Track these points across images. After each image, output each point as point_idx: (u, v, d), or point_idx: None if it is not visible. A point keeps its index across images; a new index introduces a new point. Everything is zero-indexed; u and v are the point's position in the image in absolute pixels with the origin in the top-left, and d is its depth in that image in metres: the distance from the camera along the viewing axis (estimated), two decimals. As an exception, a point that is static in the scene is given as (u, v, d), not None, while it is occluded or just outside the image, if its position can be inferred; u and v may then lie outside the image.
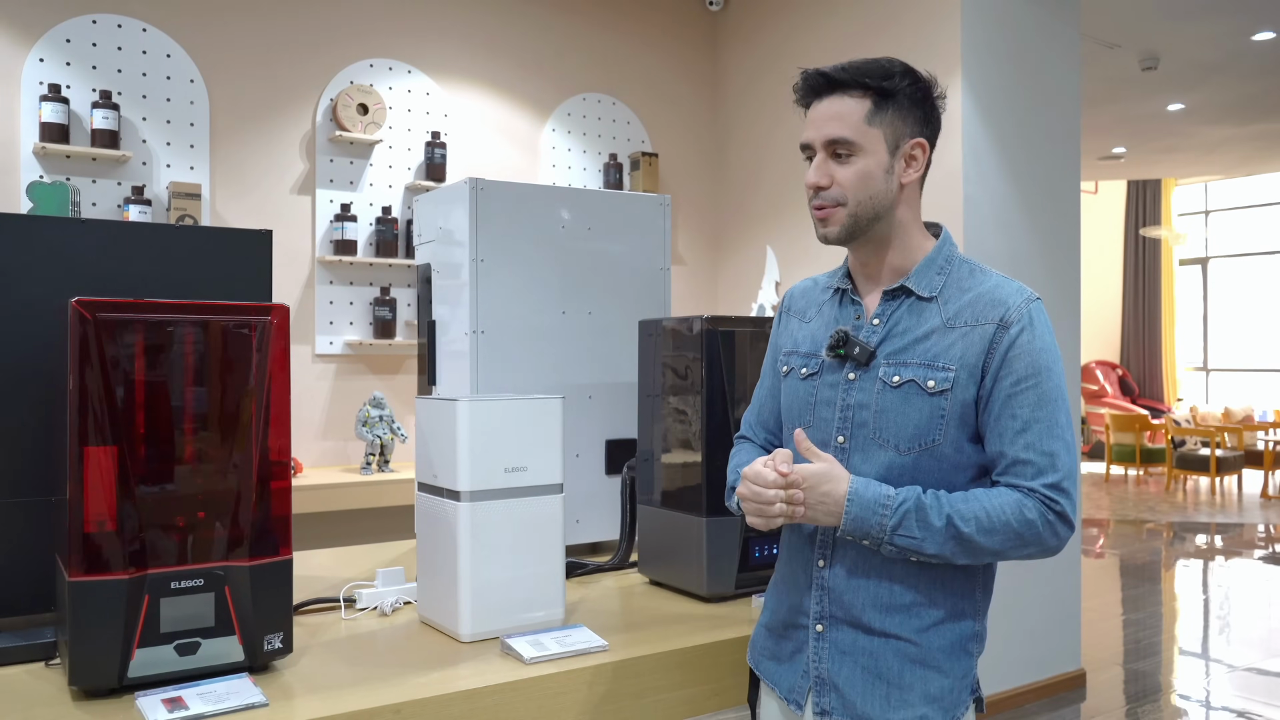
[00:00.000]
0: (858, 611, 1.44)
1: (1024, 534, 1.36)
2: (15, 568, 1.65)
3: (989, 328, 1.40)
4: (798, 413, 1.54)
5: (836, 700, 1.44)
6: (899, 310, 1.47)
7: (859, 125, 1.43)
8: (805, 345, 1.57)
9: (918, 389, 1.42)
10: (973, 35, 3.84)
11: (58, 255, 1.68)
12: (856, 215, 1.44)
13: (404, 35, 4.15)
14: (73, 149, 3.41)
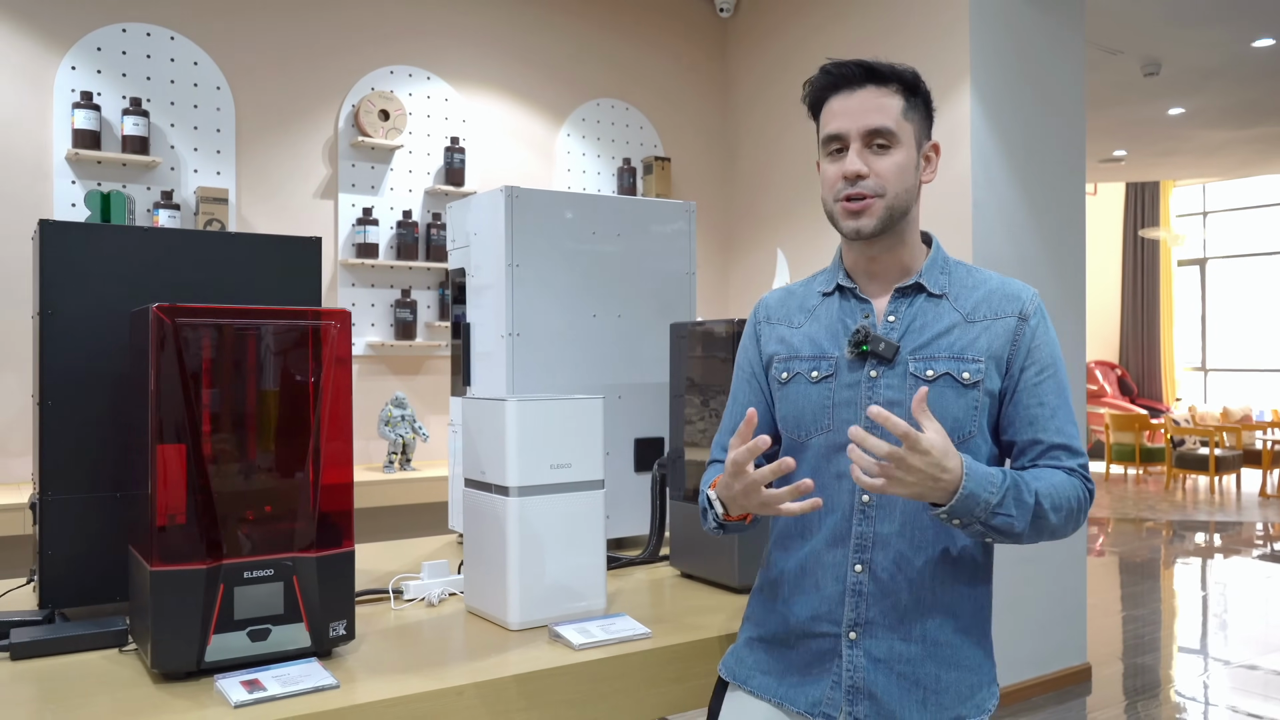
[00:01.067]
0: (897, 618, 1.43)
1: (1075, 511, 1.41)
2: (87, 560, 1.73)
3: (1011, 320, 1.45)
4: (812, 417, 1.50)
5: (871, 709, 1.42)
6: (913, 307, 1.48)
7: (898, 118, 1.45)
8: (806, 349, 1.54)
9: (953, 381, 1.43)
10: (981, 43, 3.93)
11: (121, 262, 1.77)
12: (893, 208, 1.45)
13: (424, 42, 4.23)
14: (104, 155, 3.49)
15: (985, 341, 1.45)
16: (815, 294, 1.57)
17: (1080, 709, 3.94)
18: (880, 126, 1.44)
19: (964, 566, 1.45)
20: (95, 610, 1.76)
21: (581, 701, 1.55)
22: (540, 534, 1.72)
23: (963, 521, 1.33)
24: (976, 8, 3.91)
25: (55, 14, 3.51)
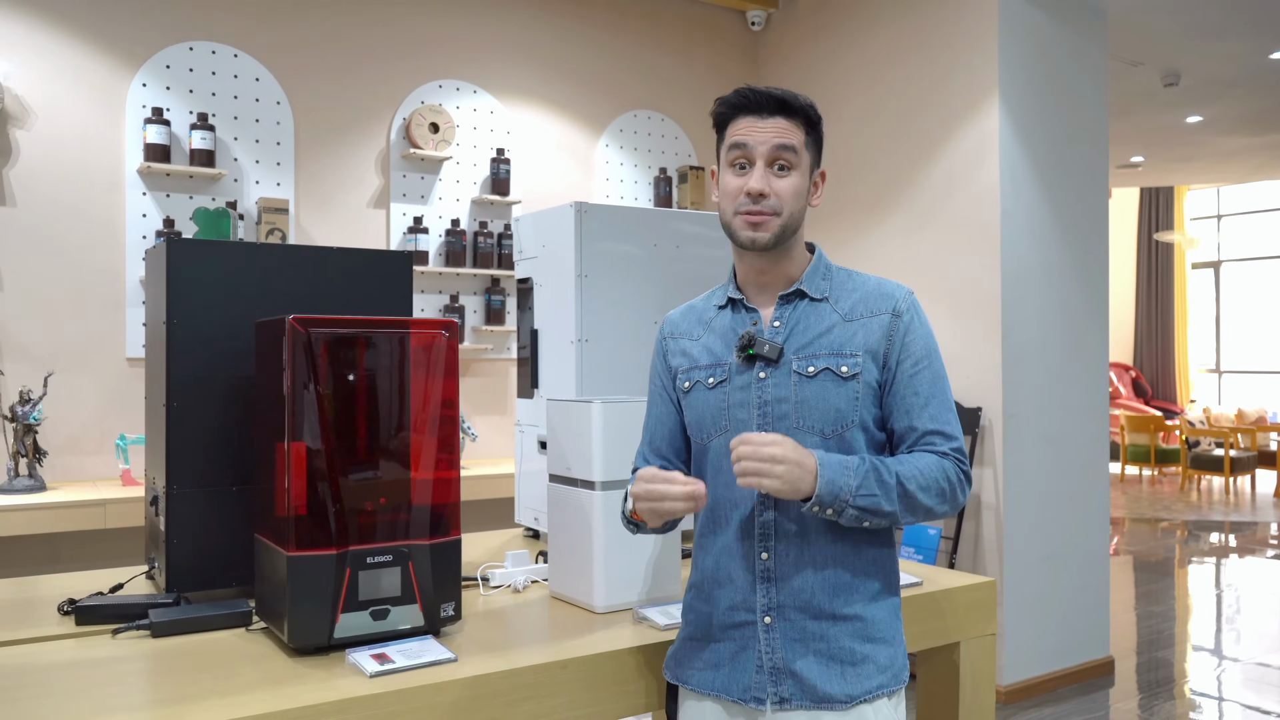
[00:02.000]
0: (807, 597, 1.51)
1: (947, 491, 1.51)
2: (208, 548, 1.88)
3: (885, 317, 1.56)
4: (711, 420, 1.60)
5: (795, 687, 1.50)
6: (796, 311, 1.59)
7: (800, 146, 1.56)
8: (704, 359, 1.63)
9: (832, 375, 1.54)
10: (1009, 57, 4.06)
11: (237, 275, 1.92)
12: (786, 226, 1.56)
13: (470, 57, 4.38)
14: (172, 168, 3.65)
15: (862, 337, 1.55)
16: (712, 308, 1.68)
17: (1104, 700, 4.07)
18: (787, 144, 1.53)
19: (866, 543, 1.54)
20: (210, 595, 1.91)
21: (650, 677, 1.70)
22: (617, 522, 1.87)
23: (834, 509, 1.44)
24: (1005, 23, 4.04)
25: (127, 33, 3.67)
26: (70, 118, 3.58)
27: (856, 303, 1.58)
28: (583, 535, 1.87)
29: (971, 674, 2.10)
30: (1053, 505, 4.18)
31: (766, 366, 1.55)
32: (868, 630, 1.52)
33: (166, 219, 3.67)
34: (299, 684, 1.44)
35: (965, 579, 2.15)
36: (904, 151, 4.45)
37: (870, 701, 1.50)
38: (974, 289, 4.10)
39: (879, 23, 4.59)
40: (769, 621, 1.52)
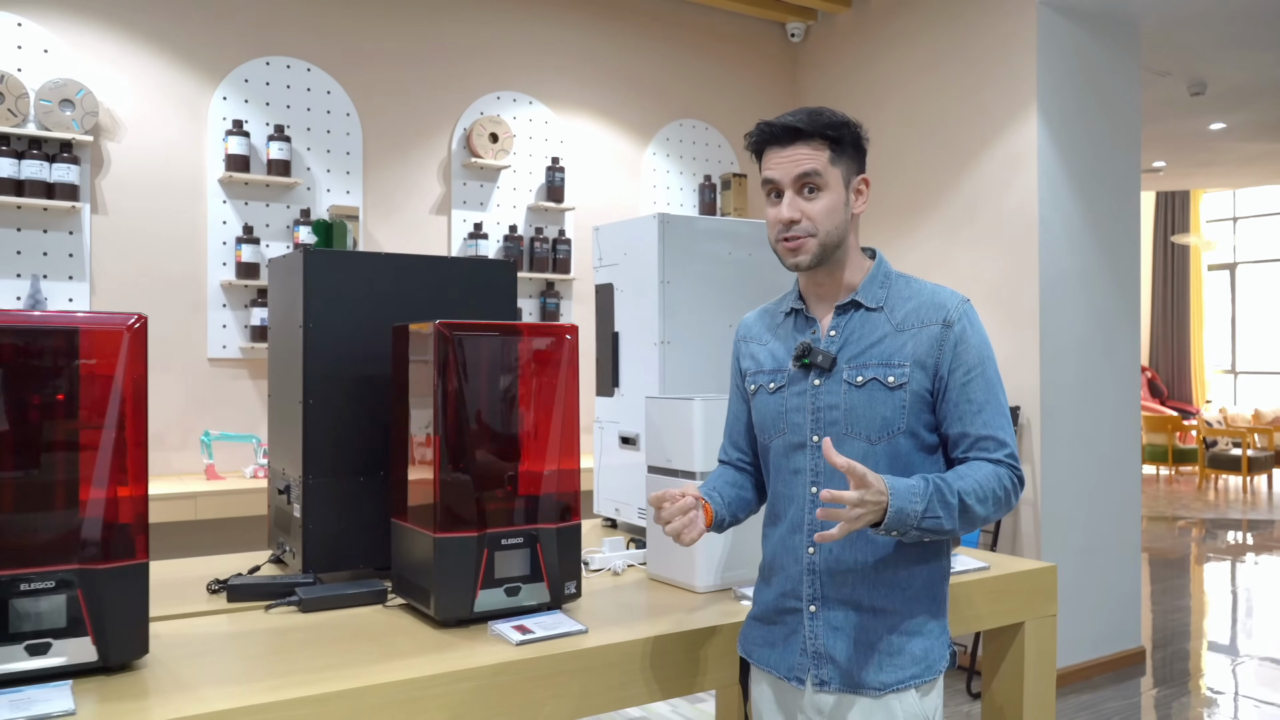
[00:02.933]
0: (849, 590, 1.59)
1: (1002, 499, 1.56)
2: (343, 532, 2.05)
3: (935, 328, 1.60)
4: (771, 422, 1.69)
5: (834, 671, 1.59)
6: (851, 321, 1.65)
7: (826, 166, 1.61)
8: (768, 364, 1.72)
9: (879, 385, 1.60)
10: (1048, 69, 4.20)
11: (364, 282, 2.09)
12: (825, 244, 1.62)
13: (526, 69, 4.55)
14: (251, 177, 3.82)
15: (911, 348, 1.60)
16: (780, 314, 1.76)
17: (1136, 688, 4.21)
18: (807, 171, 1.60)
19: (907, 546, 1.60)
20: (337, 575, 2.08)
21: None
22: (722, 512, 2.02)
23: (899, 532, 1.48)
24: (1044, 38, 4.18)
25: (209, 49, 3.84)
26: (156, 130, 3.75)
27: (910, 312, 1.64)
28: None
29: (1035, 652, 2.25)
30: (1087, 501, 4.32)
31: (820, 375, 1.63)
32: (905, 624, 1.60)
33: (245, 226, 3.85)
34: (453, 651, 1.60)
35: (1028, 564, 2.30)
36: (941, 159, 4.60)
37: (899, 692, 1.58)
38: (1012, 292, 4.25)
39: (916, 36, 4.73)
40: (814, 610, 1.61)
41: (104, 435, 1.47)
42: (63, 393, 1.46)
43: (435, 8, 4.31)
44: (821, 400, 1.63)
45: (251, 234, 3.84)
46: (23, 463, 1.42)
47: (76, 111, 3.51)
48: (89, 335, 1.47)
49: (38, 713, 1.30)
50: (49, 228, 3.52)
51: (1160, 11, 4.33)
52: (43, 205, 3.45)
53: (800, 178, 1.61)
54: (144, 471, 1.50)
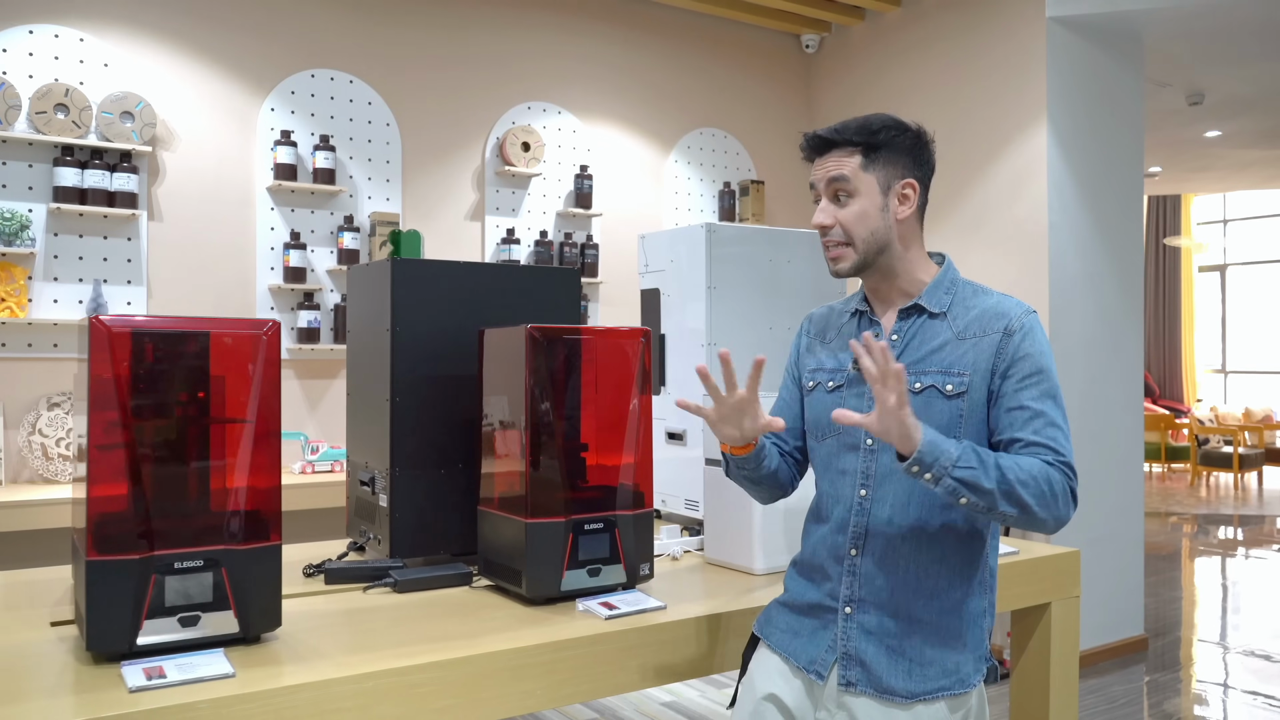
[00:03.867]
0: (886, 596, 1.58)
1: (1047, 494, 1.47)
2: (427, 520, 2.20)
3: (995, 336, 1.57)
4: (826, 422, 1.68)
5: (861, 674, 1.58)
6: (913, 326, 1.64)
7: (855, 171, 1.62)
8: (829, 362, 1.72)
9: (937, 393, 1.58)
10: (1056, 83, 4.37)
11: (445, 289, 2.24)
12: (865, 251, 1.63)
13: (556, 81, 4.70)
14: (298, 185, 3.97)
15: (972, 357, 1.58)
16: (846, 314, 1.76)
17: (1139, 673, 4.39)
18: (837, 175, 1.63)
19: (951, 557, 1.59)
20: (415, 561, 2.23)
21: (829, 625, 2.02)
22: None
23: (933, 475, 1.43)
24: (1053, 52, 4.35)
25: (257, 62, 3.99)
26: (209, 140, 3.90)
27: (972, 320, 1.62)
28: (742, 509, 2.19)
29: (1060, 630, 2.41)
30: (1094, 495, 4.49)
31: None
32: (940, 635, 1.58)
33: (292, 231, 3.99)
34: (549, 624, 1.76)
35: (1054, 549, 2.46)
36: (954, 168, 4.77)
37: (929, 702, 1.56)
38: (1023, 295, 4.42)
39: (928, 49, 4.90)
40: (849, 611, 1.61)
41: (244, 430, 1.62)
42: (204, 391, 1.61)
43: (470, 22, 4.46)
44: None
45: (298, 239, 3.98)
46: (175, 455, 1.57)
47: (136, 123, 3.66)
48: (231, 340, 1.62)
49: (203, 675, 1.45)
50: (109, 234, 3.67)
51: (1163, 27, 4.51)
52: (103, 213, 3.60)
53: (831, 183, 1.64)
54: (278, 463, 1.66)
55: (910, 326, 1.65)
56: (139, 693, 1.39)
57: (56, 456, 3.48)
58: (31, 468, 3.52)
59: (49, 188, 3.56)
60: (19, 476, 3.51)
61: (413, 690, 1.53)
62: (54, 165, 3.54)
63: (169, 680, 1.43)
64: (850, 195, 1.63)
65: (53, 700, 1.37)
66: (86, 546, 1.51)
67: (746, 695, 1.72)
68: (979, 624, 1.62)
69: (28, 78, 3.54)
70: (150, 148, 3.68)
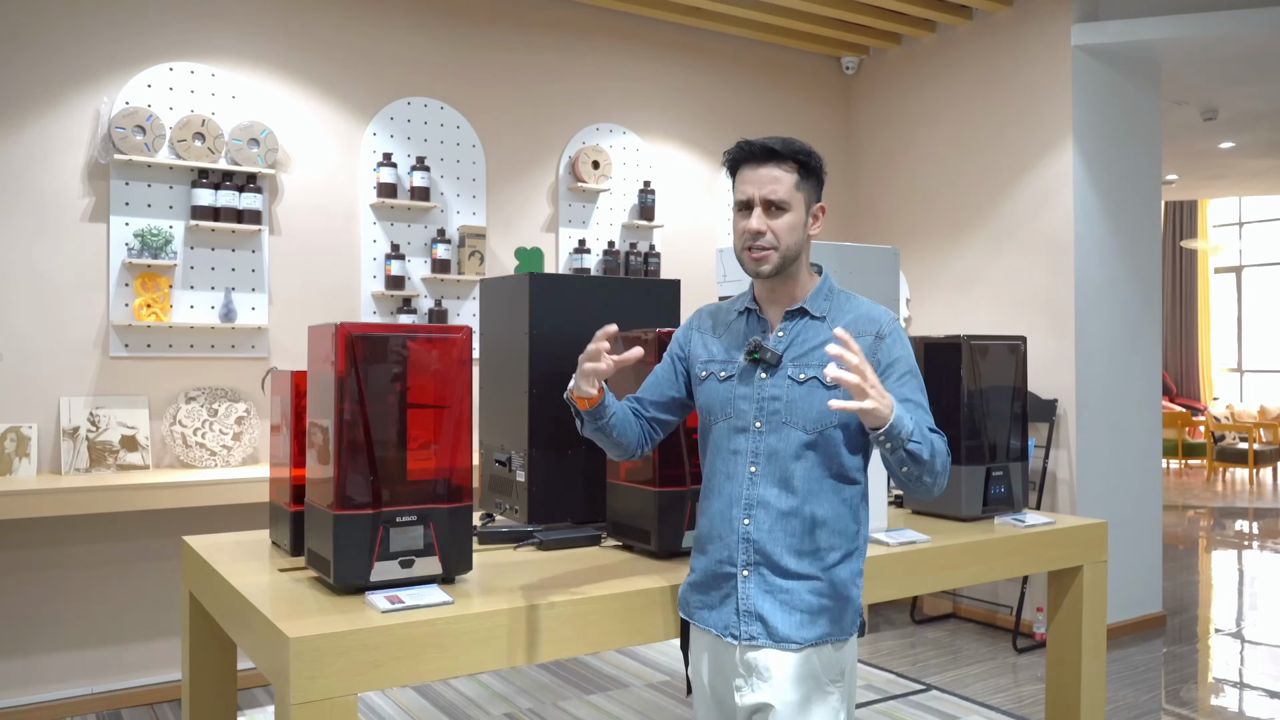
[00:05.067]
0: (777, 558, 1.77)
1: (941, 466, 1.74)
2: (558, 492, 2.59)
3: (869, 338, 1.80)
4: (719, 407, 1.86)
5: (761, 628, 1.78)
6: (798, 326, 1.83)
7: (791, 189, 1.77)
8: (720, 354, 1.89)
9: (819, 383, 1.77)
10: (1081, 106, 4.73)
11: (567, 297, 2.64)
12: (785, 257, 1.79)
13: (621, 104, 5.10)
14: (396, 202, 4.39)
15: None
16: (734, 312, 1.93)
17: (1159, 646, 4.75)
18: (776, 198, 1.77)
19: (831, 523, 1.80)
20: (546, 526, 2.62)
21: (902, 575, 2.41)
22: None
23: (893, 444, 1.65)
24: (1078, 75, 4.72)
25: (361, 92, 4.41)
26: (320, 162, 4.32)
27: (849, 324, 1.82)
28: (823, 484, 2.58)
29: (1091, 591, 2.78)
30: (1115, 482, 4.86)
31: (767, 369, 1.82)
32: (825, 588, 1.79)
33: (392, 243, 4.41)
34: (676, 573, 2.16)
35: (1085, 521, 2.83)
36: (984, 182, 5.14)
37: (817, 646, 1.78)
38: (1050, 299, 4.79)
39: (961, 72, 5.27)
40: (746, 575, 1.80)
41: (445, 415, 2.03)
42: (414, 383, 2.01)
43: (545, 53, 4.87)
44: (766, 392, 1.81)
45: (397, 250, 4.40)
46: (395, 435, 1.98)
47: (260, 148, 4.08)
48: (435, 343, 2.02)
49: (429, 601, 1.85)
50: (237, 247, 4.10)
51: (1179, 53, 4.86)
52: (232, 229, 4.02)
53: (768, 197, 1.78)
54: (469, 441, 2.06)
55: (795, 326, 1.84)
56: (389, 613, 1.80)
57: (194, 444, 3.91)
58: (173, 454, 3.95)
59: (187, 207, 3.99)
60: (161, 461, 3.95)
61: (581, 617, 1.93)
62: (191, 187, 3.97)
63: (406, 604, 1.83)
64: (782, 209, 1.78)
65: (329, 616, 1.78)
66: (334, 505, 1.91)
67: (696, 681, 1.93)
68: (855, 583, 1.83)
69: (169, 109, 3.97)
70: (272, 170, 4.11)
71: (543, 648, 1.90)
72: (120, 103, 3.88)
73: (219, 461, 3.95)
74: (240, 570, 2.16)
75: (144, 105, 3.91)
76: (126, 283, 3.88)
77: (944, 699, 3.95)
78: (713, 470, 1.89)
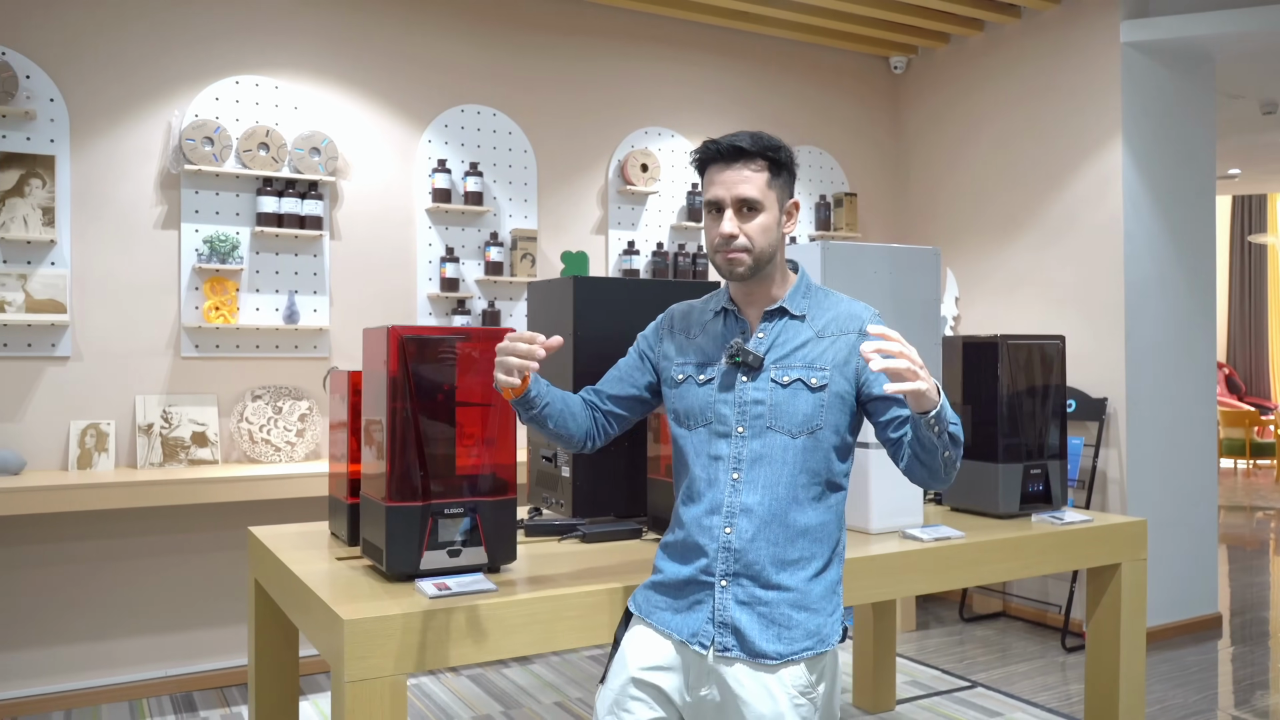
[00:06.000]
0: (758, 568, 1.72)
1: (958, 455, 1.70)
2: (601, 488, 2.69)
3: (852, 335, 1.77)
4: (698, 411, 1.80)
5: (735, 641, 1.72)
6: (778, 326, 1.78)
7: (763, 188, 1.73)
8: (697, 356, 1.84)
9: (803, 385, 1.73)
10: (1131, 102, 4.70)
11: (611, 299, 2.73)
12: (759, 258, 1.74)
13: (668, 107, 5.19)
14: (450, 207, 4.53)
15: (832, 354, 1.75)
16: (709, 312, 1.88)
17: (1214, 647, 4.70)
18: (747, 197, 1.72)
19: (813, 531, 1.75)
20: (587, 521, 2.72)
21: (934, 570, 2.46)
22: (888, 473, 2.63)
23: (939, 427, 1.61)
24: (1127, 74, 4.69)
25: (416, 100, 4.56)
26: (377, 169, 4.48)
27: (829, 321, 1.79)
28: (860, 479, 2.64)
29: (1130, 587, 2.80)
30: (1168, 482, 4.82)
31: (749, 372, 1.77)
32: (804, 601, 1.73)
33: (447, 247, 4.55)
34: (714, 564, 2.24)
35: (1123, 519, 2.85)
36: (1033, 180, 5.13)
37: (795, 662, 1.71)
38: (1100, 297, 4.77)
39: (1010, 71, 5.26)
40: (724, 585, 1.74)
41: (489, 413, 2.13)
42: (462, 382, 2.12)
43: (594, 59, 4.98)
44: (749, 395, 1.76)
45: (452, 254, 4.54)
46: (443, 431, 2.09)
47: (321, 157, 4.25)
48: (478, 344, 2.13)
49: (476, 588, 1.96)
50: (299, 252, 4.27)
51: (1232, 48, 4.79)
52: (295, 234, 4.19)
53: (740, 199, 1.73)
54: (513, 437, 2.16)
55: (775, 327, 1.80)
56: (436, 599, 1.91)
57: (260, 440, 4.09)
58: (240, 449, 4.13)
59: (253, 214, 4.18)
60: (229, 456, 4.13)
61: (620, 606, 2.02)
62: (256, 195, 4.15)
63: (454, 591, 1.94)
64: (755, 210, 1.73)
65: (381, 601, 1.89)
66: (385, 497, 2.03)
67: (618, 671, 1.83)
68: (836, 591, 1.79)
69: (235, 121, 4.15)
70: (333, 178, 4.28)
71: (582, 634, 1.99)
72: (190, 115, 4.07)
73: (283, 457, 4.12)
74: (301, 559, 2.29)
75: (212, 117, 4.10)
76: (196, 286, 4.07)
77: (989, 696, 3.97)
78: (691, 476, 1.82)
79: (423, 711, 3.82)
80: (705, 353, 1.83)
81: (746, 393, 1.75)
